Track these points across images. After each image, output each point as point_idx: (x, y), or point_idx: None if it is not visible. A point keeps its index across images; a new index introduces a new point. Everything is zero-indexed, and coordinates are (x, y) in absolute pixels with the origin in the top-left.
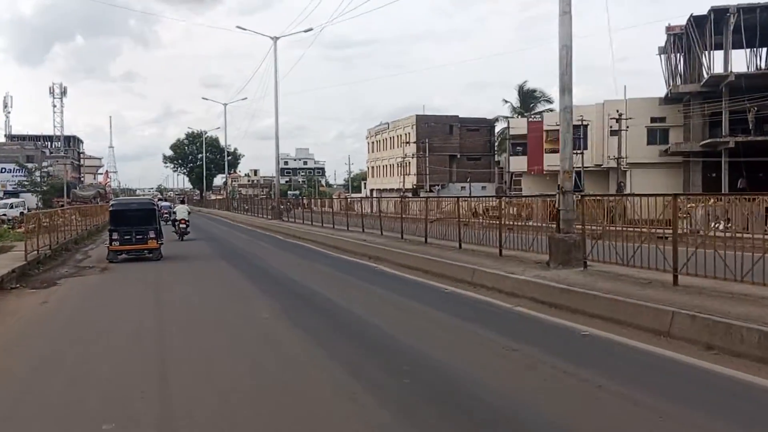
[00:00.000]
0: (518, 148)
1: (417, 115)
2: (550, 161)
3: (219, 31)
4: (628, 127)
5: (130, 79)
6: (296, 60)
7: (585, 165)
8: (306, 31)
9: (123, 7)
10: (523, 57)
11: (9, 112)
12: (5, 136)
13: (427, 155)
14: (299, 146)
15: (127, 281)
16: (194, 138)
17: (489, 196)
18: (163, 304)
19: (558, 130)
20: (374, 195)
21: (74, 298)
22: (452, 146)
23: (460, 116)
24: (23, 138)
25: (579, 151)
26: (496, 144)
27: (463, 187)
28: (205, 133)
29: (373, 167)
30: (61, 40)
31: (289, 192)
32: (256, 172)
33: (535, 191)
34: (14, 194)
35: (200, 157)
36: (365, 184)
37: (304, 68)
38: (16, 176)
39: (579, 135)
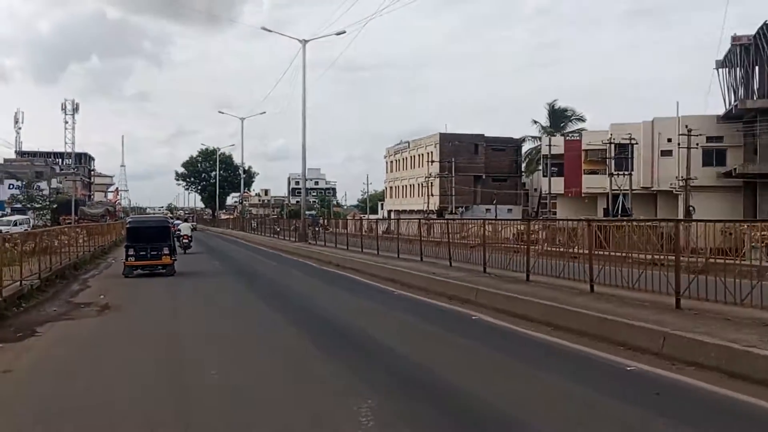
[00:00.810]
0: (553, 168)
1: (441, 134)
2: (590, 183)
3: (232, 52)
4: (698, 144)
5: (143, 99)
6: (307, 78)
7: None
8: (338, 34)
9: (136, 28)
10: (535, 81)
11: (20, 128)
12: (15, 152)
13: (453, 175)
14: (309, 167)
15: (133, 335)
16: (207, 155)
17: (627, 219)
18: (191, 398)
19: (600, 150)
20: (392, 216)
21: (54, 362)
22: (477, 166)
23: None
24: (34, 154)
25: (626, 173)
26: (524, 164)
27: (488, 209)
28: (219, 150)
29: (391, 187)
30: (76, 60)
31: (307, 212)
32: (266, 191)
33: (571, 215)
34: (22, 211)
35: (213, 174)
36: (382, 204)
37: (313, 90)
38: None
39: (626, 155)
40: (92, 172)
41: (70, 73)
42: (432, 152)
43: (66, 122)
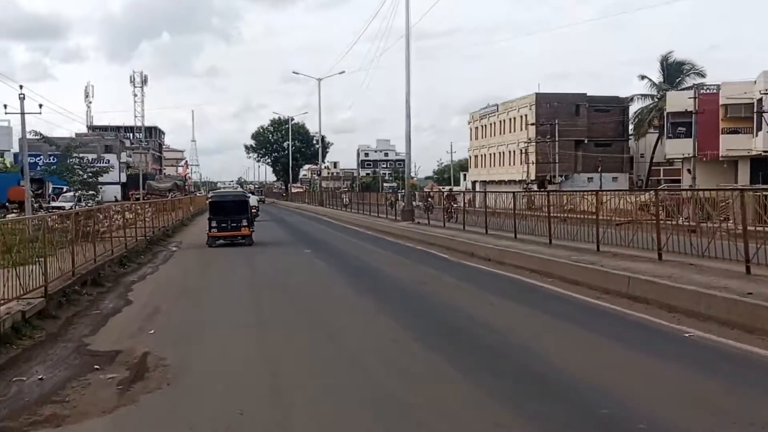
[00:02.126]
0: (681, 129)
1: (537, 94)
2: (729, 144)
3: (299, 26)
4: None
5: (212, 74)
6: (372, 50)
7: None
8: None
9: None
10: (606, 45)
11: (90, 102)
12: (87, 126)
13: (556, 139)
14: (379, 137)
15: None
16: (279, 125)
17: None
18: None
19: (745, 105)
20: (477, 188)
21: None
22: (578, 130)
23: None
24: (104, 128)
25: None
26: (632, 127)
27: (590, 178)
28: (292, 119)
29: (476, 156)
30: (147, 37)
31: (386, 184)
32: (335, 164)
33: (705, 184)
34: (91, 185)
35: (285, 145)
36: (465, 175)
37: (378, 62)
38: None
39: None
40: (163, 147)
41: (141, 51)
42: (526, 115)
43: (135, 95)
